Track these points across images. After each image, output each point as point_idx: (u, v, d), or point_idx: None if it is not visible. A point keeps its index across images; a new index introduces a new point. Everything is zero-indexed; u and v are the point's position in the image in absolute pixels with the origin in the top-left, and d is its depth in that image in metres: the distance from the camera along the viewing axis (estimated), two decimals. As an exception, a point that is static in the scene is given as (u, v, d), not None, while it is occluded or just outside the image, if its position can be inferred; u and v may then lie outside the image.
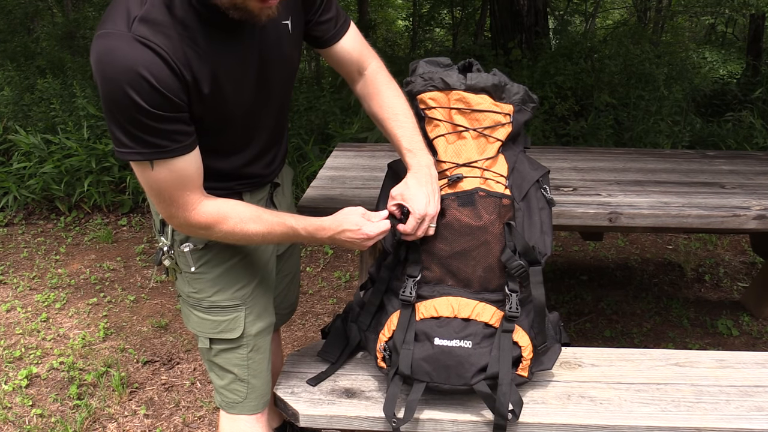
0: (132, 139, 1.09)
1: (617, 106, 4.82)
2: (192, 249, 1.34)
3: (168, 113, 1.08)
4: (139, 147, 1.10)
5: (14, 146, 4.59)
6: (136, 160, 1.13)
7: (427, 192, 1.31)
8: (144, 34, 1.05)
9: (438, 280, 1.39)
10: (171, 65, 1.07)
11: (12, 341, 2.80)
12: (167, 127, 1.10)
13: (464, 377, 1.35)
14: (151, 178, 1.15)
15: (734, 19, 9.83)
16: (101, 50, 1.05)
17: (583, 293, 3.14)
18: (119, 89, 1.03)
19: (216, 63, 1.14)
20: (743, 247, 3.71)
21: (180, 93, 1.09)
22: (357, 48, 1.42)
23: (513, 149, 1.48)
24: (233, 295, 1.37)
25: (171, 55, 1.07)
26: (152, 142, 1.10)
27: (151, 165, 1.13)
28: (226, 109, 1.20)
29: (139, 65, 1.03)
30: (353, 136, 4.24)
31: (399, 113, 1.39)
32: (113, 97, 1.05)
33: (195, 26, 1.10)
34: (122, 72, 1.03)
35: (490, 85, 1.40)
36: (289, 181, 1.63)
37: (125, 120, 1.07)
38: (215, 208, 1.22)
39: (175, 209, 1.20)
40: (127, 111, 1.05)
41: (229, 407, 1.47)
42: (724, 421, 1.38)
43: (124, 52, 1.03)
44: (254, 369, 1.43)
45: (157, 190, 1.17)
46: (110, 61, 1.03)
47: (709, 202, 2.06)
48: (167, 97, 1.07)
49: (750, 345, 2.71)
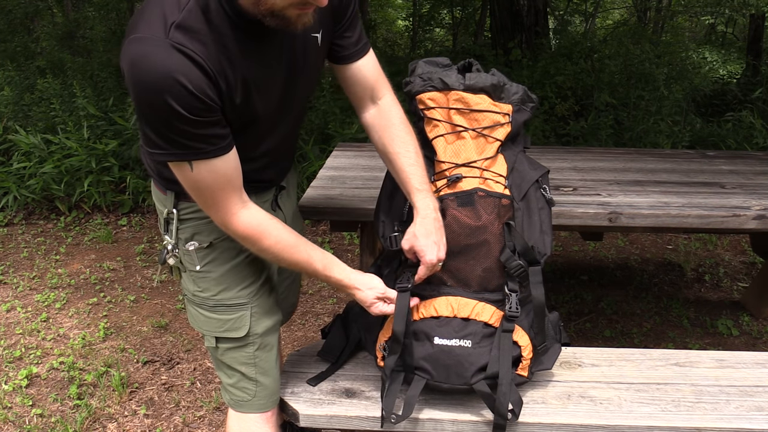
0: (167, 141, 1.10)
1: (617, 106, 4.82)
2: (197, 248, 1.34)
3: (204, 118, 1.09)
4: (174, 149, 1.11)
5: (14, 146, 4.59)
6: (171, 160, 1.14)
7: (435, 241, 1.33)
8: (181, 41, 1.04)
9: (437, 280, 1.39)
10: (207, 72, 1.07)
11: (12, 341, 2.80)
12: (203, 131, 1.10)
13: (464, 376, 1.35)
14: (191, 179, 1.16)
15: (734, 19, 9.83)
16: (136, 55, 1.04)
17: (583, 293, 3.14)
18: (156, 95, 1.03)
19: (247, 71, 1.14)
20: (743, 247, 3.71)
21: (216, 99, 1.10)
22: (373, 74, 1.40)
23: (512, 149, 1.48)
24: (238, 294, 1.37)
25: (207, 62, 1.07)
26: (188, 145, 1.10)
27: (190, 166, 1.13)
28: (252, 116, 1.21)
29: (176, 72, 1.03)
30: (353, 136, 4.24)
31: (411, 150, 1.38)
32: (149, 102, 1.05)
33: (229, 34, 1.10)
34: (159, 78, 1.03)
35: (489, 85, 1.40)
36: (294, 184, 1.63)
37: (161, 125, 1.07)
38: (256, 222, 1.24)
39: (215, 211, 1.21)
40: (163, 116, 1.06)
41: (237, 406, 1.47)
42: (724, 421, 1.38)
43: (162, 58, 1.03)
44: (262, 367, 1.42)
45: (198, 190, 1.19)
46: (146, 66, 1.03)
47: (709, 202, 2.06)
48: (204, 102, 1.07)
49: (750, 345, 2.71)
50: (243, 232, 1.23)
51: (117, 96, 5.12)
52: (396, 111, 1.42)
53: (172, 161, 1.15)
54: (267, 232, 1.24)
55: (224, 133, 1.15)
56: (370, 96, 1.42)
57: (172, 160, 1.14)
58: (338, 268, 1.34)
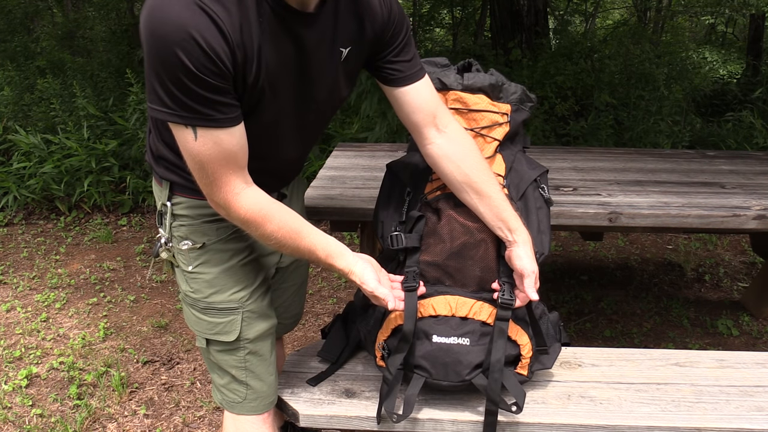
0: (174, 100, 1.05)
1: (617, 106, 4.82)
2: (190, 247, 1.33)
3: (215, 81, 1.05)
4: (180, 110, 1.06)
5: (14, 146, 4.59)
6: (176, 122, 1.08)
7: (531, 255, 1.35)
8: (206, 1, 1.01)
9: (436, 280, 1.39)
10: (225, 35, 1.03)
11: (12, 341, 2.80)
12: (212, 96, 1.06)
13: (462, 374, 1.35)
14: (195, 149, 1.10)
15: (734, 19, 9.83)
16: (154, 5, 1.01)
17: (583, 293, 3.14)
18: (167, 48, 1.00)
19: (264, 55, 1.11)
20: (743, 247, 3.71)
21: (229, 65, 1.06)
22: (432, 100, 1.33)
23: (511, 149, 1.48)
24: (230, 297, 1.35)
25: (228, 26, 1.04)
26: (195, 108, 1.06)
27: (194, 133, 1.08)
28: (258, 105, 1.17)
29: (192, 27, 1.00)
30: (353, 136, 4.24)
31: (494, 190, 1.35)
32: (160, 55, 1.01)
33: (254, 13, 1.08)
34: (174, 31, 0.99)
35: (487, 84, 1.41)
36: (301, 192, 1.60)
37: (169, 80, 1.03)
38: (258, 206, 1.19)
39: (216, 189, 1.15)
40: (172, 71, 1.02)
41: (229, 407, 1.46)
42: (724, 421, 1.38)
43: (179, 11, 1.00)
44: (253, 371, 1.41)
45: (200, 163, 1.13)
46: (162, 18, 1.00)
47: (709, 202, 2.06)
48: (216, 64, 1.03)
49: (750, 345, 2.71)
50: (244, 215, 1.18)
51: (117, 96, 5.12)
52: (469, 141, 1.36)
53: (175, 123, 1.09)
54: (270, 216, 1.19)
55: (233, 104, 1.10)
56: (433, 123, 1.34)
57: (176, 121, 1.08)
58: (341, 260, 1.28)
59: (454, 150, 1.35)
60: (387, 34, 1.27)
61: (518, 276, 1.35)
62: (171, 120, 1.09)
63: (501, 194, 1.35)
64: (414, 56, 1.32)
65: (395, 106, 1.36)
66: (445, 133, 1.35)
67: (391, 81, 1.32)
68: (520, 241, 1.34)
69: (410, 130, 1.38)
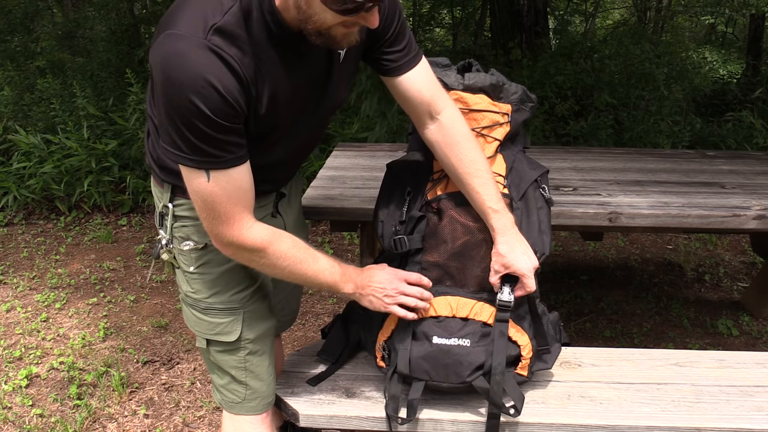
0: (188, 145, 1.08)
1: (617, 106, 4.82)
2: (192, 248, 1.33)
3: (230, 123, 1.07)
4: (194, 155, 1.09)
5: (14, 146, 4.59)
6: (189, 166, 1.11)
7: (522, 250, 1.33)
8: (219, 45, 1.03)
9: (437, 281, 1.39)
10: (241, 79, 1.06)
11: (12, 341, 2.80)
12: (225, 137, 1.08)
13: (462, 375, 1.35)
14: (207, 190, 1.13)
15: (734, 19, 9.82)
16: (171, 51, 1.02)
17: (583, 293, 3.14)
18: (184, 95, 1.02)
19: (277, 84, 1.13)
20: (743, 247, 3.71)
21: (244, 106, 1.08)
22: (428, 87, 1.33)
23: (511, 149, 1.48)
24: (231, 298, 1.36)
25: (242, 68, 1.06)
26: (208, 151, 1.08)
27: (207, 176, 1.11)
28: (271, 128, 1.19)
29: (209, 73, 1.01)
30: (353, 136, 4.24)
31: (481, 169, 1.34)
32: (176, 102, 1.03)
33: (265, 45, 1.09)
34: (191, 78, 1.01)
35: (488, 84, 1.41)
36: (298, 191, 1.61)
37: (184, 126, 1.05)
38: (267, 233, 1.21)
39: (228, 227, 1.17)
40: (187, 118, 1.04)
41: (228, 407, 1.46)
42: (724, 421, 1.38)
43: (197, 58, 1.01)
44: (252, 372, 1.41)
45: (212, 204, 1.15)
46: (180, 64, 1.01)
47: (709, 202, 2.06)
48: (233, 107, 1.05)
49: (750, 345, 2.71)
50: (252, 244, 1.19)
51: (117, 96, 5.12)
52: (460, 125, 1.35)
53: (189, 167, 1.11)
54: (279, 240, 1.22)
55: (242, 142, 1.13)
56: (428, 111, 1.35)
57: (189, 165, 1.11)
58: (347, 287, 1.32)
59: (442, 139, 1.35)
60: (379, 26, 1.26)
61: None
62: (184, 164, 1.11)
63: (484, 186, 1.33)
64: (408, 43, 1.31)
65: (392, 94, 1.38)
66: (438, 120, 1.36)
67: (385, 71, 1.33)
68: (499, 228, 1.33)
69: (411, 118, 1.40)
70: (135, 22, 6.98)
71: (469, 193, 1.35)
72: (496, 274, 1.35)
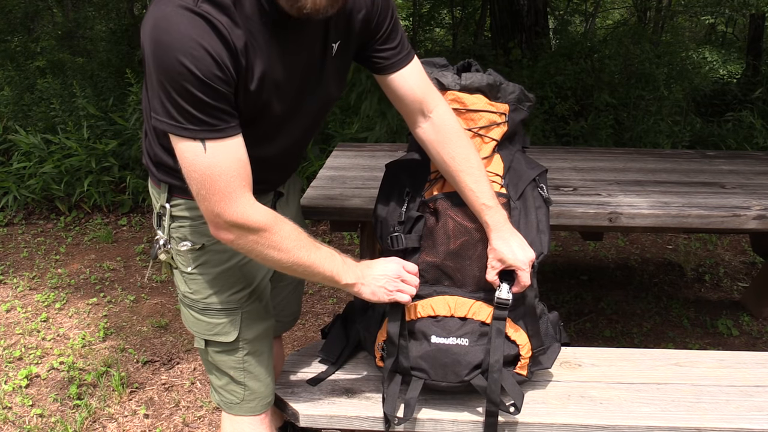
0: (180, 112, 1.06)
1: (617, 106, 4.82)
2: (189, 248, 1.33)
3: (220, 87, 1.05)
4: (187, 123, 1.06)
5: (14, 146, 4.59)
6: (183, 136, 1.08)
7: (518, 243, 1.33)
8: (209, 11, 1.02)
9: (435, 280, 1.39)
10: (230, 45, 1.05)
11: (12, 341, 2.80)
12: (217, 103, 1.06)
13: (460, 374, 1.35)
14: (204, 162, 1.10)
15: (734, 19, 9.83)
16: (159, 17, 1.01)
17: (583, 293, 3.14)
18: (173, 57, 1.01)
19: (267, 62, 1.12)
20: (743, 247, 3.71)
21: (233, 72, 1.07)
22: (420, 85, 1.33)
23: (509, 149, 1.48)
24: (229, 298, 1.36)
25: (232, 37, 1.05)
26: (202, 118, 1.06)
27: (203, 146, 1.08)
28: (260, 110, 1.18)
29: (197, 35, 1.01)
30: (353, 136, 4.24)
31: (474, 166, 1.33)
32: (165, 65, 1.02)
33: (257, 22, 1.09)
34: (179, 39, 1.00)
35: (485, 84, 1.40)
36: (296, 190, 1.61)
37: (175, 91, 1.04)
38: (270, 214, 1.19)
39: (227, 204, 1.13)
40: (178, 81, 1.02)
41: (227, 407, 1.46)
42: (724, 421, 1.38)
43: (185, 21, 1.01)
44: (251, 372, 1.41)
45: (210, 179, 1.11)
46: (168, 27, 1.00)
47: (709, 202, 2.06)
48: (222, 69, 1.04)
49: (750, 345, 2.71)
50: (257, 224, 1.16)
51: (117, 96, 5.12)
52: (451, 123, 1.35)
53: (183, 137, 1.08)
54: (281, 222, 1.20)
55: (234, 113, 1.11)
56: (419, 109, 1.34)
57: (184, 135, 1.08)
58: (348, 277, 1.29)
59: (434, 137, 1.35)
60: (372, 23, 1.26)
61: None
62: (178, 134, 1.09)
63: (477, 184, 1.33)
64: (400, 41, 1.31)
65: (389, 97, 1.38)
66: (429, 119, 1.35)
67: (377, 69, 1.33)
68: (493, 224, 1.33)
69: (403, 117, 1.39)
70: (135, 22, 6.98)
71: (462, 191, 1.35)
72: (492, 270, 1.35)
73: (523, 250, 1.33)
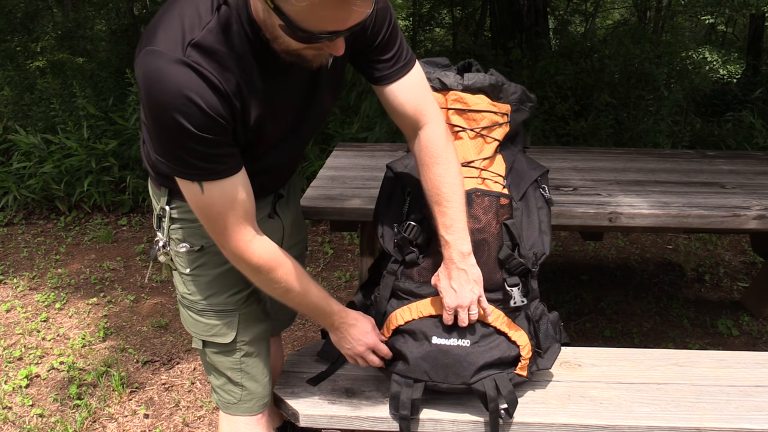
0: (177, 161, 1.08)
1: (617, 106, 4.82)
2: (188, 250, 1.33)
3: (216, 137, 1.07)
4: (184, 168, 1.09)
5: (14, 146, 4.59)
6: (183, 177, 1.12)
7: (455, 287, 1.31)
8: (197, 60, 1.03)
9: (436, 281, 1.39)
10: (221, 92, 1.05)
11: (12, 341, 2.80)
12: (214, 150, 1.08)
13: (462, 376, 1.35)
14: (203, 201, 1.13)
15: (734, 19, 9.83)
16: (150, 70, 1.02)
17: (583, 293, 3.14)
18: (167, 114, 1.02)
19: (263, 95, 1.13)
20: (743, 247, 3.71)
21: (228, 117, 1.08)
22: (413, 100, 1.29)
23: (511, 149, 1.48)
24: (227, 300, 1.36)
25: (223, 83, 1.05)
26: (199, 165, 1.08)
27: (200, 188, 1.11)
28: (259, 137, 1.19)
29: (189, 90, 1.01)
30: (353, 136, 4.24)
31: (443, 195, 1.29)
32: (161, 120, 1.04)
33: (248, 57, 1.09)
34: (171, 96, 1.01)
35: (487, 85, 1.40)
36: (296, 191, 1.61)
37: (172, 142, 1.06)
38: (268, 252, 1.22)
39: (228, 238, 1.17)
40: (174, 135, 1.04)
41: (225, 407, 1.47)
42: (724, 421, 1.38)
43: (175, 75, 1.01)
44: (248, 373, 1.42)
45: (208, 214, 1.15)
46: (159, 83, 1.01)
47: (709, 202, 2.06)
48: (216, 121, 1.05)
49: (750, 345, 2.71)
50: (257, 262, 1.20)
51: (117, 96, 5.12)
52: (435, 145, 1.29)
53: (182, 179, 1.12)
54: (281, 261, 1.23)
55: (234, 152, 1.13)
56: (410, 124, 1.31)
57: (182, 177, 1.12)
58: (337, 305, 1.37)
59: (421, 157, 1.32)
60: (367, 31, 1.24)
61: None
62: (177, 176, 1.12)
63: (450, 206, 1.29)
64: (397, 52, 1.27)
65: (386, 108, 1.36)
66: (419, 135, 1.32)
67: (370, 79, 1.32)
68: (446, 258, 1.31)
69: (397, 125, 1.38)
70: (135, 22, 6.98)
71: (432, 216, 1.33)
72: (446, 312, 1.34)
73: (455, 295, 1.31)
